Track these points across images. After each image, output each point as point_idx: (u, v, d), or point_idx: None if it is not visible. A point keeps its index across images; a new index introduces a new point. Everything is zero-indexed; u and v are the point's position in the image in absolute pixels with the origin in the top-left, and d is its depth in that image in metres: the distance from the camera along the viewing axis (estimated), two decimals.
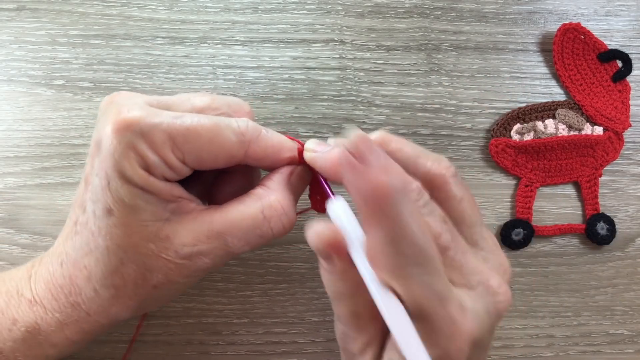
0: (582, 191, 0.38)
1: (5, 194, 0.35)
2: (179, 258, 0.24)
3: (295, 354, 0.35)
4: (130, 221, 0.24)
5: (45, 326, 0.26)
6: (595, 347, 0.36)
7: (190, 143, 0.24)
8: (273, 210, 0.25)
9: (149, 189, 0.24)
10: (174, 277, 0.25)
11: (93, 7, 0.38)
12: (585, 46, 0.38)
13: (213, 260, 0.25)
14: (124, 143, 0.23)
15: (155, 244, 0.24)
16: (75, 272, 0.25)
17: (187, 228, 0.25)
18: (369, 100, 0.37)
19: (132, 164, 0.23)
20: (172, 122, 0.24)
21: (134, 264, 0.24)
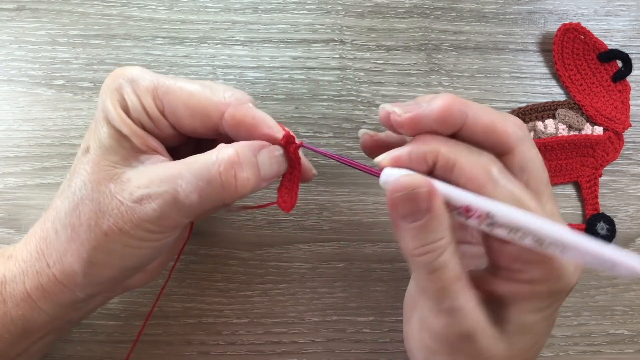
0: (582, 191, 0.38)
1: (5, 194, 0.35)
2: (131, 201, 0.24)
3: (295, 354, 0.35)
4: (100, 160, 0.25)
5: (10, 277, 0.26)
6: (595, 347, 0.36)
7: (171, 94, 0.25)
8: (227, 157, 0.24)
9: (124, 131, 0.25)
10: (123, 225, 0.24)
11: (93, 7, 0.38)
12: (585, 46, 0.38)
13: (161, 207, 0.24)
14: (112, 85, 0.25)
15: (115, 184, 0.24)
16: (48, 215, 0.26)
17: (146, 173, 0.25)
18: (369, 100, 0.37)
19: (114, 104, 0.25)
20: (161, 76, 0.26)
21: (91, 202, 0.24)
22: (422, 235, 0.23)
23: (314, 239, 0.36)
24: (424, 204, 0.22)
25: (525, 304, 0.24)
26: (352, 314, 0.35)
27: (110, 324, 0.34)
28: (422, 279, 0.24)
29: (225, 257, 0.36)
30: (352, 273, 0.36)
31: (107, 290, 0.28)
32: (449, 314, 0.23)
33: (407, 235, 0.23)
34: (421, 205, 0.22)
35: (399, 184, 0.23)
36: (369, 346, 0.35)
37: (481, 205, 0.22)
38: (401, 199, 0.22)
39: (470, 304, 0.23)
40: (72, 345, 0.34)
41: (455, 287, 0.23)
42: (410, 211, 0.23)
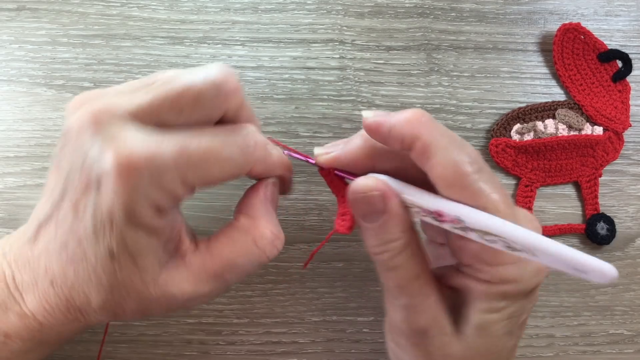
0: (582, 191, 0.38)
1: (5, 194, 0.35)
2: (179, 303, 0.24)
3: (295, 354, 0.35)
4: (132, 267, 0.22)
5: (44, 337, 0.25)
6: (595, 347, 0.36)
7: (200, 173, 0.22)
8: (265, 240, 0.25)
9: (157, 231, 0.22)
10: (175, 310, 0.26)
11: (93, 7, 0.38)
12: (585, 46, 0.38)
13: (213, 297, 0.26)
14: (133, 190, 0.21)
15: (156, 290, 0.23)
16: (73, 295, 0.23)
17: (183, 275, 0.24)
18: (369, 100, 0.37)
19: (144, 208, 0.21)
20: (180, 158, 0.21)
21: (135, 302, 0.23)
22: (379, 236, 0.24)
23: (314, 239, 0.36)
24: (379, 206, 0.23)
25: (481, 302, 0.24)
26: (352, 314, 0.36)
27: (110, 323, 0.34)
28: (381, 275, 0.25)
29: None
30: (352, 273, 0.36)
31: None
32: (405, 310, 0.25)
33: (366, 233, 0.25)
34: (376, 208, 0.23)
35: (358, 186, 0.24)
36: (369, 346, 0.35)
37: (452, 210, 0.22)
38: (359, 200, 0.24)
39: (427, 302, 0.24)
40: (72, 345, 0.34)
41: (412, 286, 0.24)
42: (367, 212, 0.24)
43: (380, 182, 0.24)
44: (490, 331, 0.24)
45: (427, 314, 0.24)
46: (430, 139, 0.22)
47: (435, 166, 0.22)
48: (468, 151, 0.23)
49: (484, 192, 0.22)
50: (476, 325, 0.24)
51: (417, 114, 0.23)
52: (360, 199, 0.24)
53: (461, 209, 0.22)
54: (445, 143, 0.23)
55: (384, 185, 0.23)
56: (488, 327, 0.24)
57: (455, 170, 0.22)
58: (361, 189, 0.24)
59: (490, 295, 0.24)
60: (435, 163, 0.22)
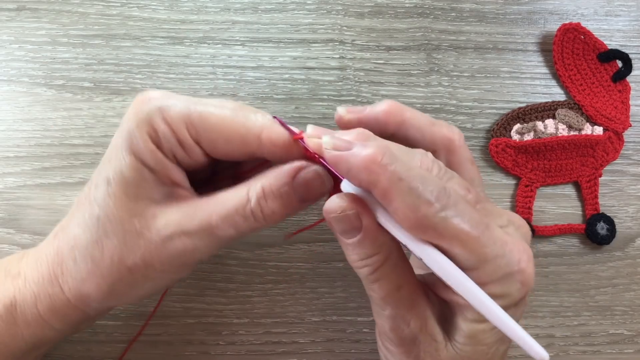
0: (582, 191, 0.38)
1: (5, 194, 0.35)
2: (159, 238, 0.24)
3: (295, 354, 0.35)
4: (123, 193, 0.24)
5: (21, 299, 0.26)
6: (595, 347, 0.36)
7: (206, 122, 0.24)
8: (260, 191, 0.24)
9: (151, 164, 0.24)
10: (150, 260, 0.24)
11: (93, 7, 0.38)
12: (585, 46, 0.38)
13: (194, 243, 0.24)
14: (140, 114, 0.24)
15: (141, 221, 0.24)
16: (64, 241, 0.25)
17: (174, 210, 0.25)
18: (369, 100, 0.37)
19: (143, 136, 0.24)
20: (189, 101, 0.25)
21: (116, 237, 0.24)
22: (358, 250, 0.24)
23: (314, 239, 0.36)
24: (355, 223, 0.23)
25: (469, 313, 0.24)
26: (352, 314, 0.36)
27: (110, 324, 0.34)
28: (365, 287, 0.25)
29: (225, 257, 0.36)
30: (352, 273, 0.36)
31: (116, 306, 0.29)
32: (391, 319, 0.25)
33: (346, 248, 0.24)
34: (352, 225, 0.23)
35: (332, 206, 0.23)
36: (369, 346, 0.35)
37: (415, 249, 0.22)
38: (334, 220, 0.24)
39: (412, 312, 0.24)
40: (72, 345, 0.34)
41: (395, 297, 0.24)
42: (344, 229, 0.24)
43: (353, 202, 0.23)
44: (480, 339, 0.24)
45: (414, 323, 0.24)
46: (388, 186, 0.21)
47: (396, 211, 0.22)
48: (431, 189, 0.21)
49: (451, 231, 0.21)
50: (466, 334, 0.24)
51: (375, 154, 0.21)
52: (335, 218, 0.23)
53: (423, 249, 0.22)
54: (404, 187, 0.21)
55: (357, 204, 0.23)
56: (478, 336, 0.24)
57: (416, 214, 0.21)
58: (335, 209, 0.23)
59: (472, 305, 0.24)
60: (395, 208, 0.22)
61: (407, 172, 0.21)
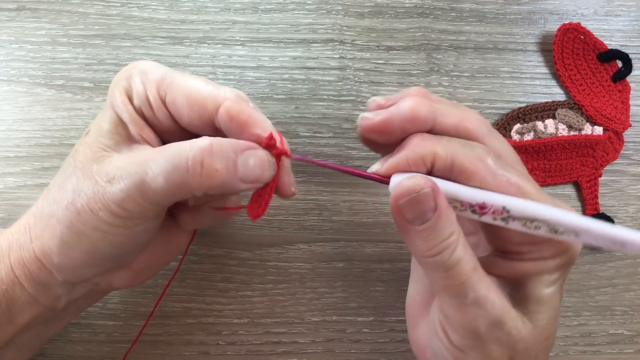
0: (582, 191, 0.38)
1: (5, 194, 0.35)
2: (104, 180, 0.24)
3: (295, 354, 0.35)
4: (95, 141, 0.25)
5: None
6: (595, 347, 0.36)
7: (175, 85, 0.25)
8: (199, 145, 0.23)
9: (123, 117, 0.25)
10: (94, 205, 0.24)
11: (93, 7, 0.38)
12: (585, 46, 0.38)
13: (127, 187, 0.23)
14: (124, 74, 0.26)
15: (98, 164, 0.25)
16: (44, 193, 0.26)
17: (125, 156, 0.25)
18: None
19: (120, 90, 0.26)
20: (171, 70, 0.26)
21: (75, 180, 0.25)
22: (433, 235, 0.23)
23: (314, 239, 0.36)
24: (430, 203, 0.22)
25: (539, 280, 0.25)
26: (352, 314, 0.36)
27: (110, 324, 0.34)
28: (440, 277, 0.24)
29: (225, 257, 0.36)
30: (352, 273, 0.36)
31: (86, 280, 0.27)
32: (475, 306, 0.23)
33: (417, 238, 0.23)
34: (427, 206, 0.22)
35: (403, 189, 0.23)
36: (369, 346, 0.35)
37: (496, 201, 0.23)
38: (407, 204, 0.23)
39: (492, 292, 0.24)
40: (72, 345, 0.34)
41: (475, 279, 0.23)
42: (418, 214, 0.23)
43: (426, 179, 0.23)
44: (551, 304, 0.25)
45: (498, 304, 0.24)
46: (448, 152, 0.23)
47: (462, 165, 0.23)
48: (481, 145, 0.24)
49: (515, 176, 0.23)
50: (538, 303, 0.25)
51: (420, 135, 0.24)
52: (408, 202, 0.22)
53: (504, 198, 0.23)
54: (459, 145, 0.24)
55: (432, 181, 0.23)
56: (549, 301, 0.25)
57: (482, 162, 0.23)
58: (410, 189, 0.22)
59: (545, 270, 0.25)
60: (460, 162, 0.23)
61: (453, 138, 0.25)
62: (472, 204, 0.23)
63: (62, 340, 0.34)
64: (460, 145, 0.24)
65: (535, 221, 0.23)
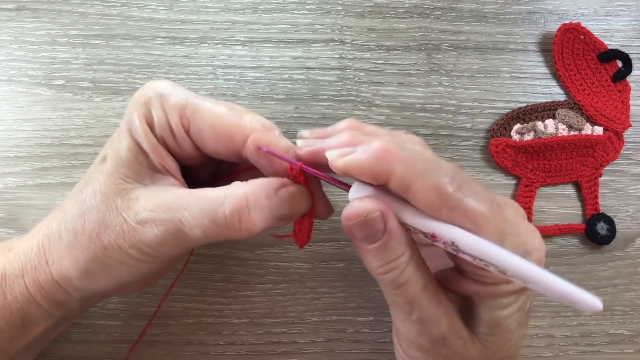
0: (582, 191, 0.38)
1: (5, 194, 0.35)
2: (134, 220, 0.24)
3: (295, 354, 0.35)
4: (114, 171, 0.25)
5: (10, 270, 0.26)
6: (595, 347, 0.36)
7: (198, 114, 0.25)
8: (236, 199, 0.24)
9: (144, 146, 0.25)
10: (122, 243, 0.24)
11: (93, 7, 0.38)
12: (585, 46, 0.38)
13: (162, 234, 0.24)
14: (142, 98, 0.25)
15: (123, 200, 0.24)
16: (56, 214, 0.26)
17: (155, 195, 0.25)
18: (369, 100, 0.37)
19: (140, 117, 0.25)
20: (191, 94, 0.25)
21: (97, 213, 0.24)
22: (382, 255, 0.23)
23: (314, 239, 0.36)
24: (379, 226, 0.23)
25: (490, 302, 0.24)
26: (352, 314, 0.36)
27: (110, 324, 0.34)
28: (389, 293, 0.25)
29: (225, 257, 0.36)
30: (352, 273, 0.36)
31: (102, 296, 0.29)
32: (419, 324, 0.24)
33: (368, 255, 0.24)
34: (376, 229, 0.23)
35: (353, 211, 0.23)
36: (369, 346, 0.35)
37: (446, 234, 0.22)
38: (356, 225, 0.23)
39: (440, 311, 0.24)
40: (72, 345, 0.34)
41: (422, 298, 0.24)
42: (367, 235, 0.23)
43: (377, 202, 0.23)
44: (503, 327, 0.24)
45: (443, 323, 0.24)
46: (405, 170, 0.21)
47: (416, 194, 0.22)
48: (444, 170, 0.22)
49: (471, 208, 0.22)
50: (490, 324, 0.24)
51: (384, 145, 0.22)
52: (358, 223, 0.23)
53: (454, 232, 0.22)
54: (420, 168, 0.22)
55: (381, 204, 0.23)
56: (501, 324, 0.24)
57: (438, 194, 0.21)
58: (360, 212, 0.22)
59: (498, 294, 0.24)
60: (415, 191, 0.22)
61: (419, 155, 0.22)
62: (424, 231, 0.23)
63: (62, 340, 0.34)
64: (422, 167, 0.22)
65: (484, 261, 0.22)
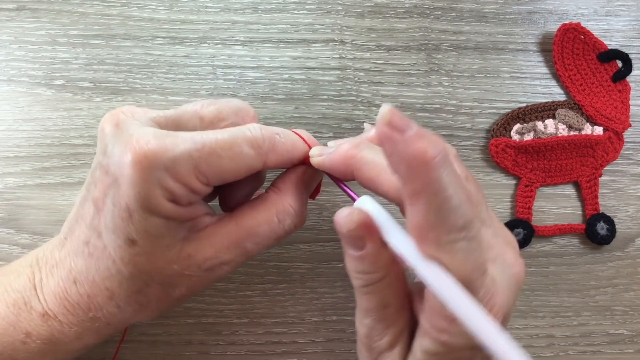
0: (582, 191, 0.38)
1: (5, 194, 0.35)
2: (202, 272, 0.25)
3: (295, 354, 0.35)
4: (154, 249, 0.24)
5: (63, 338, 0.26)
6: (595, 347, 0.36)
7: (213, 166, 0.24)
8: (286, 214, 0.27)
9: (174, 217, 0.24)
10: (196, 289, 0.26)
11: (93, 7, 0.38)
12: (585, 46, 0.38)
13: (233, 267, 0.27)
14: (148, 180, 0.22)
15: (179, 264, 0.25)
16: (95, 291, 0.25)
17: (206, 243, 0.25)
18: (369, 100, 0.37)
19: (159, 199, 0.23)
20: (193, 151, 0.23)
21: (159, 284, 0.25)
22: (357, 264, 0.24)
23: (314, 239, 0.36)
24: (358, 244, 0.23)
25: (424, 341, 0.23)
26: (352, 314, 0.35)
27: None
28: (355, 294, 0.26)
29: None
30: None
31: None
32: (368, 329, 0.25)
33: (347, 256, 0.25)
34: (356, 243, 0.24)
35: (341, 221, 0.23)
36: None
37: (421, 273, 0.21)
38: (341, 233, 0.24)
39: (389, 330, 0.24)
40: None
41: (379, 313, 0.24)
42: (348, 243, 0.24)
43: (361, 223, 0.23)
44: None
45: (385, 340, 0.25)
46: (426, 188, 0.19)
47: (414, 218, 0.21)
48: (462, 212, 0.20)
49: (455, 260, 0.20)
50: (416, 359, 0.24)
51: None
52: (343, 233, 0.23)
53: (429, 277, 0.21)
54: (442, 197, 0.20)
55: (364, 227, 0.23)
56: None
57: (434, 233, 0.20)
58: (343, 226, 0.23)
59: (433, 338, 0.23)
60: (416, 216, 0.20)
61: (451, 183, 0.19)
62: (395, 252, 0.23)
63: None
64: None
65: None
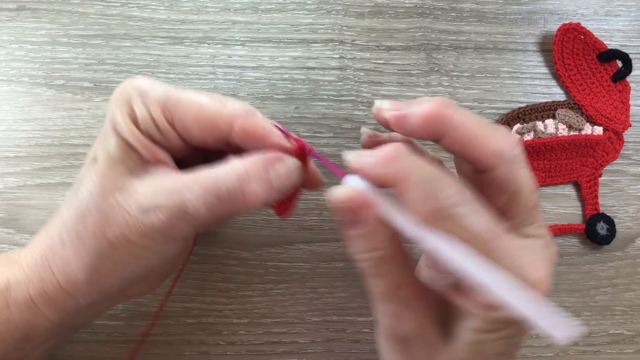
0: (582, 191, 0.38)
1: (5, 194, 0.35)
2: (137, 211, 0.24)
3: (295, 354, 0.35)
4: (108, 170, 0.25)
5: (14, 282, 0.26)
6: (595, 347, 0.36)
7: (181, 106, 0.25)
8: (237, 173, 0.24)
9: (132, 143, 0.25)
10: (129, 234, 0.24)
11: (93, 7, 0.38)
12: (585, 46, 0.38)
13: (168, 219, 0.24)
14: (122, 97, 0.25)
15: (122, 194, 0.24)
16: (53, 222, 0.26)
17: (150, 182, 0.25)
18: (369, 100, 0.37)
19: (123, 115, 0.25)
20: (171, 87, 0.25)
21: (98, 212, 0.24)
22: (361, 243, 0.24)
23: (314, 239, 0.36)
24: (358, 216, 0.23)
25: (475, 322, 0.23)
26: (352, 314, 0.36)
27: (110, 324, 0.34)
28: (367, 280, 0.25)
29: (225, 257, 0.36)
30: (352, 273, 0.36)
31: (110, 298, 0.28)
32: (390, 317, 0.25)
33: (350, 239, 0.24)
34: (357, 217, 0.23)
35: (340, 195, 0.23)
36: (369, 346, 0.35)
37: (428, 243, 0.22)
38: (339, 209, 0.23)
39: (411, 311, 0.24)
40: (72, 345, 0.34)
41: (395, 295, 0.24)
42: (348, 220, 0.24)
43: (361, 196, 0.23)
44: (481, 349, 0.24)
45: (410, 324, 0.24)
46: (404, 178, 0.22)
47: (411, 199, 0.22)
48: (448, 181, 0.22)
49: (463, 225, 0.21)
50: (468, 342, 0.24)
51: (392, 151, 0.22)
52: (341, 208, 0.23)
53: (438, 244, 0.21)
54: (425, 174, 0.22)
55: (362, 196, 0.23)
56: (480, 346, 0.24)
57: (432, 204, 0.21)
58: (344, 198, 0.23)
59: (487, 318, 0.23)
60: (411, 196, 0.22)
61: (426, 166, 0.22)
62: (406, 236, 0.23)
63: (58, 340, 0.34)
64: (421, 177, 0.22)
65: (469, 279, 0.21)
